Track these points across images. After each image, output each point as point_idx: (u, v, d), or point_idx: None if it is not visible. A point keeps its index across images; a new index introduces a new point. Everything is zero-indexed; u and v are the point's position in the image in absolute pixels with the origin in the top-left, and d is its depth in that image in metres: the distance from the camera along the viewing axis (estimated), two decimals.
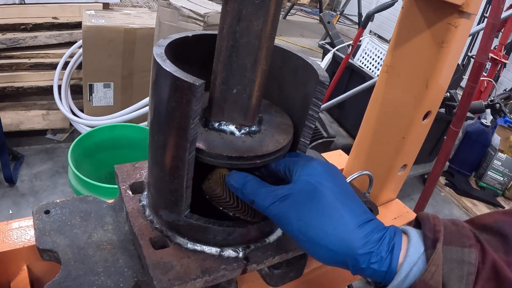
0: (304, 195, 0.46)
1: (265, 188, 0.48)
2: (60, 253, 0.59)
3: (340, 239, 0.44)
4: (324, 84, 0.50)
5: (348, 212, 0.45)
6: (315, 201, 0.45)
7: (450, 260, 0.41)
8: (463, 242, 0.43)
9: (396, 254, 0.43)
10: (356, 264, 0.43)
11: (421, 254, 0.43)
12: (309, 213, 0.45)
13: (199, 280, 0.51)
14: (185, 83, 0.41)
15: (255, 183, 0.49)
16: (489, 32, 1.21)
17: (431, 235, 0.44)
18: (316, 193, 0.46)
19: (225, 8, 0.48)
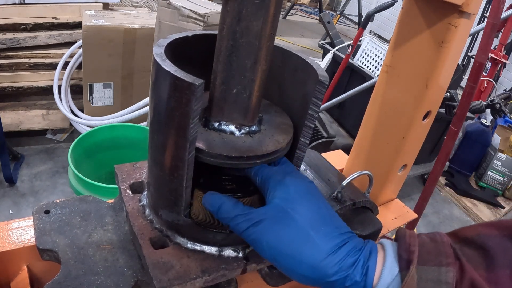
0: (277, 221, 0.46)
1: (240, 212, 0.48)
2: (60, 253, 0.59)
3: (313, 267, 0.44)
4: (323, 84, 0.50)
5: (321, 238, 0.45)
6: (287, 228, 0.45)
7: (425, 280, 0.41)
8: (440, 260, 0.42)
9: (371, 277, 0.43)
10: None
11: (395, 275, 0.43)
12: (281, 241, 0.45)
13: (199, 279, 0.51)
14: (185, 82, 0.41)
15: (230, 207, 0.49)
16: (489, 32, 1.21)
17: (405, 255, 0.43)
18: (288, 220, 0.46)
19: (225, 8, 0.48)
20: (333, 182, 0.76)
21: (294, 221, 0.46)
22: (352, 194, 0.74)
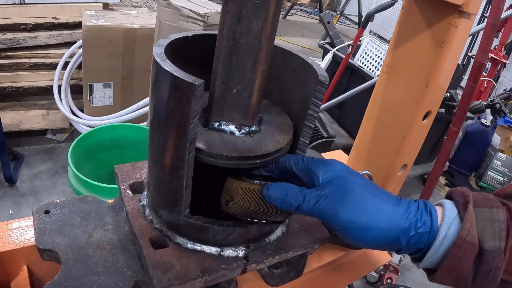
0: (343, 190, 0.50)
1: (306, 191, 0.51)
2: (60, 253, 0.59)
3: (388, 218, 0.49)
4: (323, 84, 0.50)
5: (382, 197, 0.51)
6: (354, 193, 0.50)
7: (481, 219, 0.47)
8: (490, 204, 0.48)
9: (435, 216, 0.49)
10: (405, 234, 0.48)
11: (455, 215, 0.48)
12: (353, 204, 0.49)
13: (199, 279, 0.51)
14: (185, 82, 0.41)
15: (297, 190, 0.51)
16: (489, 32, 1.21)
17: (461, 200, 0.49)
18: (352, 185, 0.50)
19: (225, 8, 0.48)
20: None
21: (358, 185, 0.51)
22: None
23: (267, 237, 0.58)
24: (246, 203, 0.53)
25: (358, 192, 0.50)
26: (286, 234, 0.60)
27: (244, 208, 0.53)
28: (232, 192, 0.54)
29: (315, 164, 0.53)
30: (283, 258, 0.59)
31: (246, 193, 0.53)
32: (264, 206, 0.53)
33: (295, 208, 0.51)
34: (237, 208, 0.54)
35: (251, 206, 0.53)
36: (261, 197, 0.53)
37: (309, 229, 0.62)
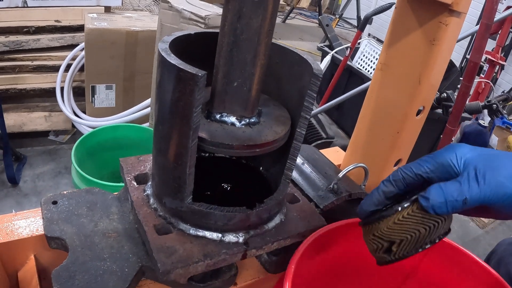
0: (491, 159, 0.47)
1: (460, 179, 0.47)
2: (68, 241, 0.62)
3: None
4: (317, 77, 0.53)
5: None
6: (502, 157, 0.47)
7: None
8: None
9: None
10: None
11: None
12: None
13: (201, 263, 0.54)
14: (189, 73, 0.44)
15: (449, 184, 0.47)
16: (483, 32, 1.24)
17: None
18: (494, 153, 0.48)
19: (226, 7, 0.51)
20: (330, 175, 0.79)
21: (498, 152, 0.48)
22: (348, 186, 0.77)
23: (266, 224, 0.61)
24: (412, 233, 0.48)
25: (504, 155, 0.47)
26: (285, 222, 0.63)
27: (414, 240, 0.48)
28: (386, 236, 0.49)
29: (442, 155, 0.49)
30: (282, 245, 0.61)
31: (405, 223, 0.48)
32: (431, 222, 0.48)
33: (462, 202, 0.46)
34: (406, 246, 0.48)
35: (420, 231, 0.48)
36: (422, 215, 0.47)
37: (306, 217, 0.65)
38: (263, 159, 0.71)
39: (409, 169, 0.51)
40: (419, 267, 0.63)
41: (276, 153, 0.65)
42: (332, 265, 0.64)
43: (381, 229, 0.49)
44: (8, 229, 0.71)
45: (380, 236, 0.50)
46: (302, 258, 0.55)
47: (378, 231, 0.50)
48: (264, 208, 0.58)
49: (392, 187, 0.52)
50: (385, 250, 0.50)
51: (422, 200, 0.47)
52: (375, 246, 0.51)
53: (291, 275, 0.51)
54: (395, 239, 0.49)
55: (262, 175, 0.71)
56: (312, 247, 0.58)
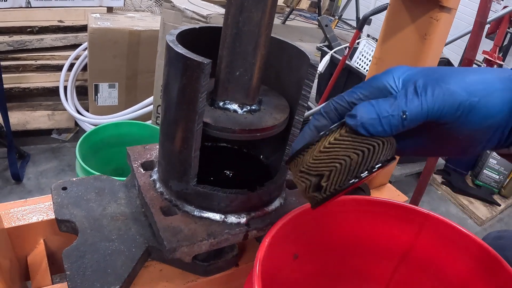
0: (434, 71, 0.40)
1: (397, 94, 0.40)
2: (77, 223, 0.65)
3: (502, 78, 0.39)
4: (314, 67, 0.56)
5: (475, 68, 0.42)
6: (447, 69, 0.41)
7: None
8: None
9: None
10: None
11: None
12: (459, 75, 0.39)
13: (205, 242, 0.57)
14: (195, 61, 0.48)
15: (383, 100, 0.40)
16: (477, 30, 1.28)
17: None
18: (438, 67, 0.42)
19: (229, 1, 0.55)
20: None
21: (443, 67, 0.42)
22: None
23: (267, 207, 0.64)
24: (342, 161, 0.39)
25: (447, 68, 0.40)
26: (284, 205, 0.66)
27: (345, 169, 0.39)
28: (313, 169, 0.41)
29: (378, 78, 0.42)
30: None
31: (333, 150, 0.40)
32: (364, 146, 0.39)
33: (401, 118, 0.38)
34: (337, 177, 0.40)
35: (351, 157, 0.39)
36: (353, 139, 0.39)
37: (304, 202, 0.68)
38: (264, 148, 0.75)
39: (341, 98, 0.44)
40: (414, 247, 0.66)
41: (276, 142, 0.69)
42: (319, 245, 0.65)
43: (306, 162, 0.41)
44: (18, 214, 0.75)
45: (307, 170, 0.41)
46: (279, 233, 0.53)
47: (304, 165, 0.41)
48: (264, 191, 0.61)
49: (324, 119, 0.45)
50: (314, 187, 0.42)
51: (348, 119, 0.40)
52: (303, 184, 0.42)
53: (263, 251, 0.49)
54: (323, 171, 0.40)
55: (262, 163, 0.74)
56: (292, 223, 0.56)
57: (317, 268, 0.67)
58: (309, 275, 0.67)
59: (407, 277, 0.69)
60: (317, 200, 0.42)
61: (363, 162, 0.40)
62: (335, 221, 0.65)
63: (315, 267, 0.67)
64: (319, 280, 0.69)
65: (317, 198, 0.42)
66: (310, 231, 0.61)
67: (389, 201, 0.64)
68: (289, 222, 0.55)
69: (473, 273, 0.61)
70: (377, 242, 0.68)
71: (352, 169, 0.40)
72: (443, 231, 0.62)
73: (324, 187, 0.41)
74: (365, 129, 0.39)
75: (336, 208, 0.64)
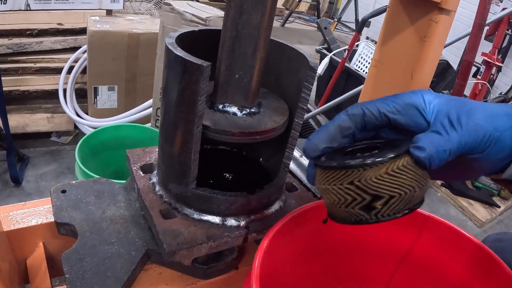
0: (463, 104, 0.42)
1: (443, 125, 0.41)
2: (77, 226, 0.65)
3: None
4: (314, 69, 0.56)
5: None
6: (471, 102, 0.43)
7: None
8: None
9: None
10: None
11: None
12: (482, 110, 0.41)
13: (204, 245, 0.57)
14: (194, 64, 0.48)
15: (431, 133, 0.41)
16: (476, 32, 1.28)
17: None
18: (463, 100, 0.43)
19: (228, 4, 0.55)
20: None
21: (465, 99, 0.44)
22: None
23: (266, 209, 0.64)
24: (407, 190, 0.39)
25: (471, 100, 0.43)
26: (283, 208, 0.66)
27: (406, 200, 0.39)
28: (373, 188, 0.39)
29: (408, 96, 0.43)
30: None
31: (400, 176, 0.38)
32: (423, 179, 0.40)
33: (448, 153, 0.40)
34: (396, 205, 0.39)
35: (415, 189, 0.39)
36: (415, 171, 0.39)
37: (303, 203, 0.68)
38: (263, 150, 0.75)
39: (372, 106, 0.44)
40: (414, 249, 0.66)
41: (275, 144, 0.69)
42: (318, 246, 0.65)
43: (367, 178, 0.39)
44: (18, 217, 0.75)
45: (363, 186, 0.39)
46: (278, 234, 0.53)
47: (363, 180, 0.39)
48: (264, 194, 0.61)
49: (350, 122, 0.44)
50: (364, 206, 0.40)
51: (417, 151, 0.39)
52: (349, 198, 0.40)
53: (262, 251, 0.49)
54: (383, 194, 0.39)
55: (262, 166, 0.74)
56: (291, 224, 0.56)
57: (316, 270, 0.67)
58: (308, 276, 0.67)
59: (407, 279, 0.69)
60: (359, 219, 0.41)
61: (419, 196, 0.40)
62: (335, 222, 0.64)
63: (314, 269, 0.67)
64: (318, 282, 0.69)
65: (361, 218, 0.41)
66: (309, 232, 0.61)
67: None
68: (288, 223, 0.55)
69: (473, 275, 0.61)
70: (377, 244, 0.68)
71: (411, 201, 0.40)
72: (443, 233, 0.62)
73: (379, 209, 0.40)
74: (429, 163, 0.40)
75: None
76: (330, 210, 0.44)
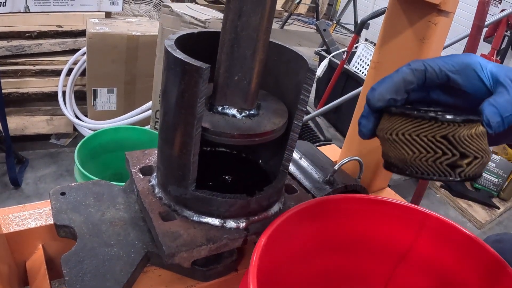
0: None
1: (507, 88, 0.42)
2: (76, 228, 0.65)
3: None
4: (313, 71, 0.56)
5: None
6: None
7: None
8: None
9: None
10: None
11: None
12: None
13: (204, 247, 0.57)
14: (194, 66, 0.48)
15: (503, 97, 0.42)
16: (474, 33, 1.29)
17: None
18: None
19: (227, 6, 0.55)
20: (326, 168, 0.82)
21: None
22: (344, 178, 0.80)
23: (266, 211, 0.64)
24: (485, 154, 0.42)
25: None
26: (283, 210, 0.66)
27: (484, 163, 0.42)
28: (465, 145, 0.41)
29: (464, 57, 0.44)
30: None
31: (480, 140, 0.41)
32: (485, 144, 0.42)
33: None
34: (477, 166, 0.42)
35: (488, 154, 0.42)
36: (484, 137, 0.42)
37: None
38: (262, 152, 0.75)
39: (433, 63, 0.45)
40: (414, 247, 0.66)
41: (274, 146, 0.69)
42: (317, 244, 0.65)
43: (461, 134, 0.40)
44: (17, 220, 0.75)
45: (456, 143, 0.41)
46: (276, 232, 0.54)
47: (456, 136, 0.40)
48: (263, 196, 0.61)
49: (413, 76, 0.45)
50: (451, 162, 0.41)
51: (485, 123, 0.42)
52: (439, 152, 0.41)
53: (259, 250, 0.50)
54: (470, 153, 0.41)
55: (261, 168, 0.74)
56: (289, 222, 0.57)
57: (314, 268, 0.67)
58: (306, 275, 0.66)
59: (406, 277, 0.69)
60: (444, 175, 0.42)
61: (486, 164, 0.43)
62: (334, 220, 0.64)
63: (312, 267, 0.67)
64: (317, 280, 0.69)
65: (447, 174, 0.41)
66: (307, 230, 0.61)
67: (389, 200, 0.64)
68: (287, 220, 0.55)
69: (473, 273, 0.61)
70: (377, 242, 0.68)
71: (484, 166, 0.42)
72: (443, 231, 0.62)
73: (463, 168, 0.41)
74: (493, 130, 0.41)
75: (334, 207, 0.63)
76: (406, 162, 0.43)
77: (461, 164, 0.41)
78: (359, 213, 0.65)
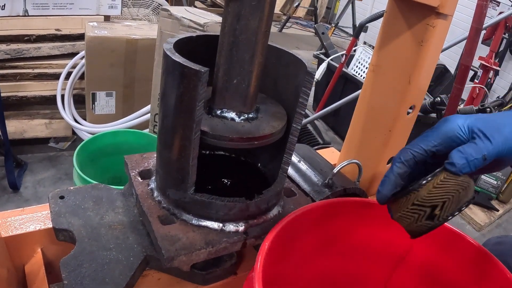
0: (491, 118, 0.52)
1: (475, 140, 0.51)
2: (75, 232, 0.65)
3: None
4: (311, 74, 0.56)
5: None
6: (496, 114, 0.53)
7: None
8: None
9: None
10: None
11: None
12: None
13: (203, 250, 0.57)
14: (192, 70, 0.48)
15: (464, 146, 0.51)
16: (473, 36, 1.29)
17: None
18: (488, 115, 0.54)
19: (226, 9, 0.55)
20: (325, 171, 0.82)
21: None
22: (343, 182, 0.80)
23: (265, 215, 0.64)
24: (453, 193, 0.50)
25: (499, 116, 0.52)
26: (282, 213, 0.66)
27: (455, 202, 0.50)
28: (428, 201, 0.51)
29: (445, 127, 0.53)
30: None
31: (444, 186, 0.50)
32: (464, 183, 0.50)
33: (482, 159, 0.49)
34: (449, 207, 0.50)
35: (460, 192, 0.50)
36: (455, 179, 0.50)
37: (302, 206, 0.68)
38: (261, 155, 0.75)
39: (417, 147, 0.54)
40: (412, 250, 0.66)
41: (273, 150, 0.69)
42: (317, 248, 0.65)
43: (421, 196, 0.51)
44: (16, 223, 0.74)
45: (421, 203, 0.51)
46: (278, 237, 0.55)
47: (419, 199, 0.51)
48: (262, 199, 0.61)
49: (405, 167, 0.54)
50: (427, 216, 0.52)
51: (449, 166, 0.50)
52: (416, 215, 0.52)
53: (264, 253, 0.51)
54: (437, 203, 0.51)
55: (260, 171, 0.74)
56: (291, 226, 0.58)
57: (314, 271, 0.67)
58: (306, 277, 0.66)
59: (404, 281, 0.69)
60: (429, 227, 0.52)
61: (466, 195, 0.51)
62: (334, 223, 0.64)
63: (312, 270, 0.66)
64: (316, 282, 0.68)
65: (429, 225, 0.52)
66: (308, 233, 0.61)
67: None
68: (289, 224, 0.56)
69: (470, 276, 0.61)
70: (375, 245, 0.68)
71: (461, 200, 0.51)
72: (441, 235, 0.62)
73: (438, 214, 0.51)
74: (461, 172, 0.50)
75: (334, 211, 0.63)
76: (409, 229, 0.55)
77: (435, 214, 0.51)
78: (358, 217, 0.65)
